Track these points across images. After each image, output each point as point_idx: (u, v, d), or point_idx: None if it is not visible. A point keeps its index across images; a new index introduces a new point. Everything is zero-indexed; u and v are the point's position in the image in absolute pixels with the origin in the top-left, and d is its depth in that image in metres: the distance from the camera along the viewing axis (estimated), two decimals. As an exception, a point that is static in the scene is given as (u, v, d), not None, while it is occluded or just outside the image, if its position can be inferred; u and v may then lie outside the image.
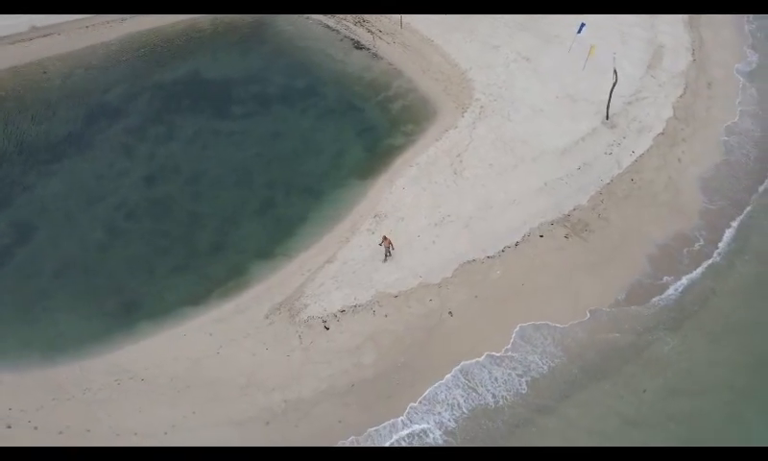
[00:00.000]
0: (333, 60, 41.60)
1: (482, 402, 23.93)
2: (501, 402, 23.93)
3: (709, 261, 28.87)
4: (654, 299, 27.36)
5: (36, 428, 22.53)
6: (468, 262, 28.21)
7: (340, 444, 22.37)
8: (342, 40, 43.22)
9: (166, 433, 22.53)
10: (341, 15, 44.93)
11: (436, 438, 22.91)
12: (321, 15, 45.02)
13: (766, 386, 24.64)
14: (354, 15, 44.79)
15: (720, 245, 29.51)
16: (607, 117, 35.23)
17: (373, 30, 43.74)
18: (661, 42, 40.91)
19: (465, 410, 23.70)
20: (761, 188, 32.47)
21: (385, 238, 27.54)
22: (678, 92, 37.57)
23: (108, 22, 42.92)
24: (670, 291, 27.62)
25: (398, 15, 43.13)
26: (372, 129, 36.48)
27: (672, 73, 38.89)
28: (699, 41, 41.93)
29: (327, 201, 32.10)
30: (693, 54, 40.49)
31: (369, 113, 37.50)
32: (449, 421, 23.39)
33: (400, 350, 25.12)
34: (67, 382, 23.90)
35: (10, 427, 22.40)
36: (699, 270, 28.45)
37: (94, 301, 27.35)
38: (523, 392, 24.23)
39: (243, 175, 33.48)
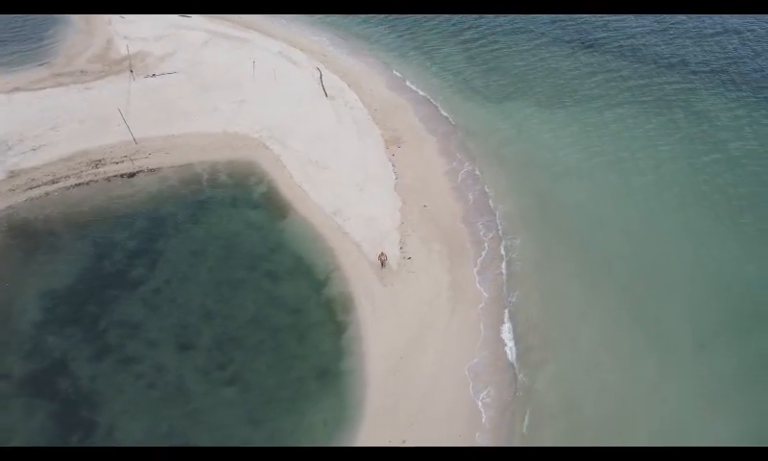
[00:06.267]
0: (131, 196, 43.98)
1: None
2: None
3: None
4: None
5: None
6: (396, 185, 44.16)
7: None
8: (109, 181, 45.04)
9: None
10: (79, 168, 45.66)
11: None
12: (59, 183, 44.62)
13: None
14: (89, 160, 46.34)
15: (443, 111, 53.96)
16: (326, 95, 53.55)
17: (118, 159, 46.90)
18: (287, 45, 60.26)
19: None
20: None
21: (383, 254, 39.20)
22: (322, 63, 58.36)
23: None
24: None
25: (130, 135, 47.75)
26: (235, 200, 43.56)
27: (303, 57, 59.04)
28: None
29: (299, 235, 40.42)
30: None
31: (217, 196, 43.79)
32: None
33: (440, 229, 40.76)
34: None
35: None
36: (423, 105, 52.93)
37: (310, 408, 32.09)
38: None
39: (231, 283, 37.62)
